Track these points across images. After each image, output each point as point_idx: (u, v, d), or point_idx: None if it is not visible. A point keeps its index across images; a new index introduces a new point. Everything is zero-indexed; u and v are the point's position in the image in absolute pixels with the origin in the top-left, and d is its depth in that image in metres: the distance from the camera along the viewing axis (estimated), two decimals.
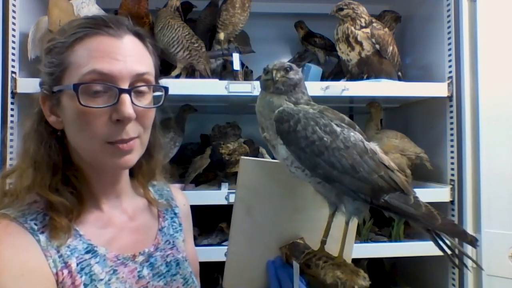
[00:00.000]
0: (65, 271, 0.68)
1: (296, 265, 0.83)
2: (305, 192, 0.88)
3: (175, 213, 0.94)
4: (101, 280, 0.71)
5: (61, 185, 0.74)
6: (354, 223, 0.89)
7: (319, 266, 0.78)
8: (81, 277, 0.69)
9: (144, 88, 0.74)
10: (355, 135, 0.77)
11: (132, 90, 0.71)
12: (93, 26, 0.72)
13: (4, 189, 0.74)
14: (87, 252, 0.72)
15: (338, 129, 0.76)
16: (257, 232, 0.89)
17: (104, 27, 0.72)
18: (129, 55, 0.72)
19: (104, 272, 0.72)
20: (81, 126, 0.70)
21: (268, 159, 0.91)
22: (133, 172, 0.88)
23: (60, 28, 0.78)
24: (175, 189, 1.02)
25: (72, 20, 0.78)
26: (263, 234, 0.89)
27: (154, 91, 0.78)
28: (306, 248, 0.85)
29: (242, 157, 0.89)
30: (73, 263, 0.69)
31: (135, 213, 0.86)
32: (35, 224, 0.70)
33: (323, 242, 0.84)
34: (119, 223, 0.81)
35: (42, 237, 0.69)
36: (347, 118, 0.81)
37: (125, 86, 0.70)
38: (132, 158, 0.75)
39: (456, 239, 0.83)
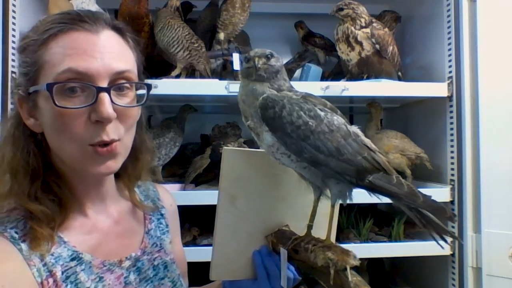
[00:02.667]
0: (50, 280, 0.65)
1: (283, 252, 0.83)
2: (289, 179, 0.90)
3: (162, 214, 0.91)
4: None
5: (41, 192, 0.69)
6: (336, 208, 0.90)
7: (308, 249, 0.78)
8: (66, 286, 0.66)
9: (125, 85, 0.70)
10: (338, 119, 0.79)
11: (111, 88, 0.67)
12: (68, 22, 0.67)
13: None
14: (72, 260, 0.69)
15: (322, 113, 0.77)
16: (242, 222, 0.89)
17: (79, 22, 0.67)
18: (107, 52, 0.67)
19: (90, 280, 0.70)
20: (58, 128, 0.66)
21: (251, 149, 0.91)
22: (118, 174, 0.83)
23: (35, 25, 0.72)
24: (161, 189, 0.99)
25: (47, 16, 0.73)
26: (248, 223, 0.89)
27: (137, 89, 0.74)
28: (292, 235, 0.86)
29: (225, 147, 0.90)
30: (58, 271, 0.66)
31: (121, 216, 0.82)
32: (16, 233, 0.66)
33: (310, 227, 0.85)
34: (104, 228, 0.78)
35: (24, 246, 0.65)
36: (328, 103, 0.82)
37: (104, 84, 0.66)
38: (115, 163, 0.71)
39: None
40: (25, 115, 0.71)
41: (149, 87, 0.74)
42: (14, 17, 1.33)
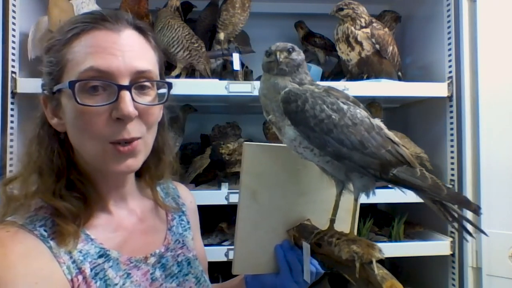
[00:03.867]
0: (80, 277, 0.66)
1: (306, 246, 0.83)
2: (310, 174, 0.89)
3: (183, 211, 0.93)
4: (116, 284, 0.70)
5: (66, 190, 0.71)
6: (350, 203, 0.90)
7: (332, 243, 0.77)
8: (95, 282, 0.67)
9: (146, 84, 0.71)
10: (361, 112, 0.78)
11: (133, 86, 0.68)
12: (91, 21, 0.69)
13: (8, 196, 0.71)
14: (100, 257, 0.70)
15: (345, 107, 0.77)
16: (264, 217, 0.89)
17: (101, 21, 0.69)
18: (128, 50, 0.68)
19: (118, 276, 0.71)
20: (81, 126, 0.68)
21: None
22: (140, 173, 0.85)
23: (59, 25, 0.75)
24: (180, 186, 1.00)
25: (72, 17, 0.75)
26: (270, 218, 0.89)
27: (158, 88, 0.75)
28: (314, 229, 0.85)
29: (245, 142, 0.88)
30: (86, 268, 0.67)
31: (144, 214, 0.84)
32: (45, 231, 0.67)
33: (332, 221, 0.84)
34: (129, 225, 0.79)
35: (53, 243, 0.66)
36: (351, 97, 0.81)
37: (125, 82, 0.67)
38: (136, 162, 0.72)
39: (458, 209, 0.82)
40: (49, 114, 0.72)
41: (170, 85, 0.75)
42: (14, 17, 1.33)
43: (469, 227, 0.80)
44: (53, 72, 0.69)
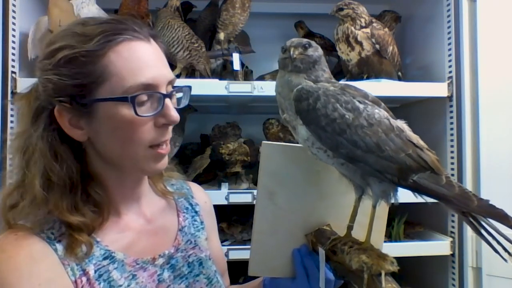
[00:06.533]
0: (84, 279, 0.68)
1: (322, 252, 0.80)
2: (330, 177, 0.85)
3: (196, 212, 0.93)
4: (120, 286, 0.70)
5: (81, 203, 0.71)
6: (385, 209, 0.85)
7: (344, 251, 0.75)
8: (99, 284, 0.68)
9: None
10: (380, 112, 0.73)
11: (171, 94, 0.74)
12: (122, 32, 0.69)
13: (8, 206, 0.70)
14: (104, 259, 0.71)
15: (361, 106, 0.72)
16: (281, 219, 0.86)
17: (131, 32, 0.70)
18: (159, 59, 0.73)
19: (123, 278, 0.71)
20: (127, 135, 0.70)
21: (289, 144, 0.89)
22: None
23: (69, 32, 0.70)
24: (195, 186, 1.00)
25: (85, 23, 0.71)
26: (288, 221, 0.87)
27: (177, 92, 0.79)
28: (332, 235, 0.82)
29: (264, 141, 0.86)
30: (91, 270, 0.69)
31: (153, 215, 0.84)
32: (52, 233, 0.69)
33: (350, 228, 0.80)
34: (137, 226, 0.80)
35: (59, 246, 0.68)
36: (371, 95, 0.77)
37: (164, 90, 0.71)
38: (167, 160, 0.77)
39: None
40: (67, 125, 0.70)
41: (190, 88, 0.81)
42: (14, 17, 1.33)
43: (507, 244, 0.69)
44: (85, 84, 0.67)
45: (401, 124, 0.75)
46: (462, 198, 0.68)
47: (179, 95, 0.80)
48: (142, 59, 0.69)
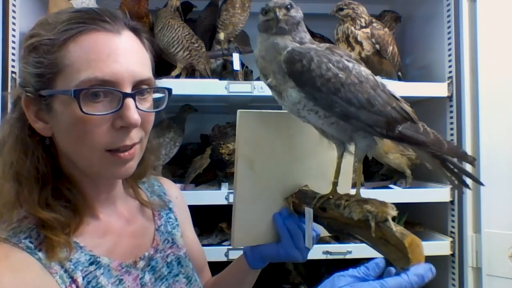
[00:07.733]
0: (73, 286, 0.64)
1: (309, 211, 0.81)
2: (305, 140, 0.87)
3: (170, 209, 0.90)
4: None
5: (53, 199, 0.67)
6: (350, 164, 0.89)
7: (340, 205, 0.75)
8: None
9: (146, 91, 0.69)
10: (366, 70, 0.76)
11: (136, 94, 0.66)
12: (87, 21, 0.64)
13: None
14: (90, 264, 0.68)
15: (350, 64, 0.74)
16: (262, 186, 0.87)
17: (100, 22, 0.64)
18: (129, 56, 0.65)
19: (110, 283, 0.69)
20: (79, 134, 0.64)
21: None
22: None
23: (42, 21, 0.67)
24: (166, 182, 0.97)
25: (59, 13, 0.67)
26: (268, 187, 0.87)
27: (154, 92, 0.73)
28: (316, 194, 0.83)
29: (240, 110, 0.84)
30: (79, 277, 0.65)
31: (131, 216, 0.81)
32: (30, 242, 0.63)
33: (335, 184, 0.82)
34: (117, 228, 0.77)
35: (41, 255, 0.63)
36: (353, 55, 0.79)
37: (128, 89, 0.64)
38: (132, 165, 0.70)
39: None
40: (32, 117, 0.67)
41: (169, 91, 0.74)
42: (14, 17, 1.33)
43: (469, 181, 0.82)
44: (44, 74, 0.64)
45: (380, 79, 0.78)
46: (436, 142, 0.74)
47: (159, 95, 0.73)
48: (103, 52, 0.63)
